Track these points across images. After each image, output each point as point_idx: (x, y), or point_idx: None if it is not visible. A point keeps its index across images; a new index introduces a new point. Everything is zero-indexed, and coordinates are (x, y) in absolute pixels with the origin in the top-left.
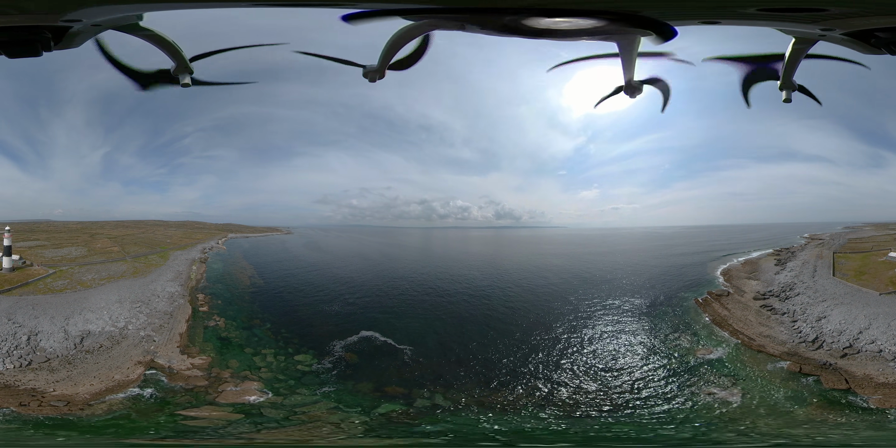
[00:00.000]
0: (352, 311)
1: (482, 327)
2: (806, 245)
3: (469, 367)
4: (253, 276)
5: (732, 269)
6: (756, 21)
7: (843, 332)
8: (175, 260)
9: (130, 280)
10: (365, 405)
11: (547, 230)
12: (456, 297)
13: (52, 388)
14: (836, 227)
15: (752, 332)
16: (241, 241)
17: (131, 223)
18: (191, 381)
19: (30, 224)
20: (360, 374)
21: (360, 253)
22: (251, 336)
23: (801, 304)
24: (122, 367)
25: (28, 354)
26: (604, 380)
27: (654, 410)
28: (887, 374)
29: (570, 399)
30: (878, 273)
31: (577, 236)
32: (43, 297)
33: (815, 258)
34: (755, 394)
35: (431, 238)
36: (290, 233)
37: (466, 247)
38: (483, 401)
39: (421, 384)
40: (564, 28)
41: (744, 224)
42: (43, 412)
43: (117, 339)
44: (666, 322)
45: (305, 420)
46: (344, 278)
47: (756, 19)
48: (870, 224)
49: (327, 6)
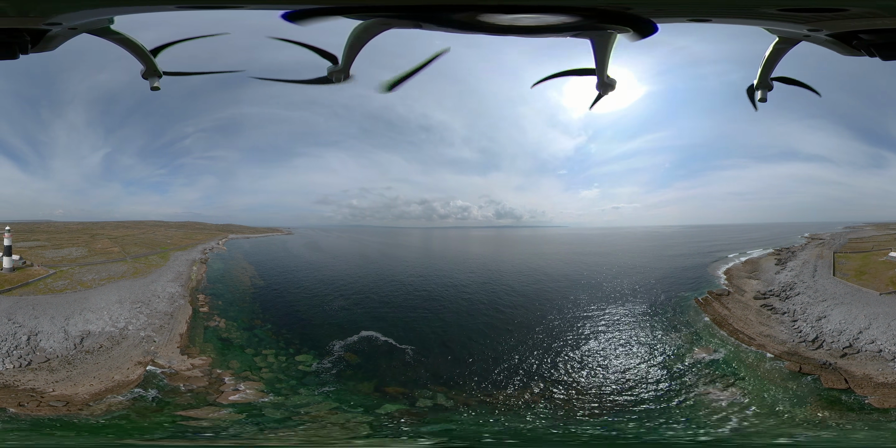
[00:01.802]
0: (352, 311)
1: (482, 327)
2: (806, 245)
3: (472, 366)
4: (253, 277)
5: (733, 269)
6: (746, 20)
7: (843, 332)
8: (175, 260)
9: (131, 280)
10: (367, 405)
11: (548, 229)
12: (456, 297)
13: (52, 388)
14: (836, 226)
15: (753, 332)
16: (242, 241)
17: (132, 224)
18: (191, 381)
19: (30, 224)
20: (360, 375)
21: (361, 253)
22: (252, 336)
23: (802, 304)
24: (122, 367)
25: (28, 354)
26: (599, 378)
27: (650, 409)
28: (887, 373)
29: (567, 393)
30: (878, 273)
31: (577, 236)
32: (43, 297)
33: (816, 258)
34: (754, 393)
35: (432, 238)
36: (291, 233)
37: (467, 247)
38: (489, 398)
39: (422, 384)
40: (533, 24)
41: (744, 223)
42: (42, 412)
43: (117, 340)
44: (666, 322)
45: (308, 420)
46: (344, 278)
47: (746, 18)
48: (870, 224)
49: (270, 7)
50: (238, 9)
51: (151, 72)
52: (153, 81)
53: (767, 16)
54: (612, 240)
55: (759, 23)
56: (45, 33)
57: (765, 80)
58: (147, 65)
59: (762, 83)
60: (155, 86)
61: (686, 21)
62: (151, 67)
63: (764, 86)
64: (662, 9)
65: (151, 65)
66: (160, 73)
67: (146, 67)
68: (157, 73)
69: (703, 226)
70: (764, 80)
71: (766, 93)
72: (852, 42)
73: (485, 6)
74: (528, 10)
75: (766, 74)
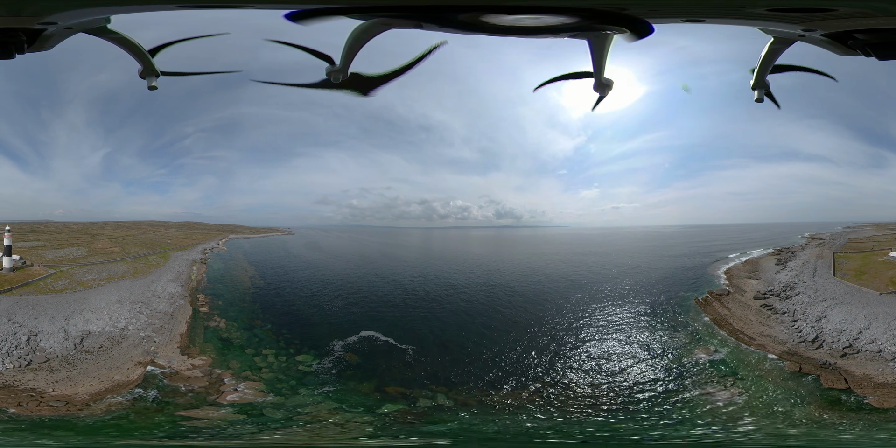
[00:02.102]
0: (353, 311)
1: (482, 326)
2: (806, 244)
3: (471, 366)
4: (254, 277)
5: (733, 269)
6: (741, 20)
7: (843, 332)
8: (175, 261)
9: (131, 280)
10: (367, 405)
11: (548, 229)
12: (455, 297)
13: (52, 388)
14: (836, 226)
15: (753, 332)
16: (242, 241)
17: (132, 224)
18: (191, 381)
19: (30, 224)
20: (361, 375)
21: (361, 253)
22: (252, 336)
23: (802, 304)
24: (122, 367)
25: (28, 354)
26: (598, 378)
27: (649, 408)
28: (886, 373)
29: (564, 394)
30: (878, 273)
31: (578, 236)
32: (43, 297)
33: (816, 258)
34: (754, 393)
35: (432, 238)
36: (291, 233)
37: (467, 247)
38: (491, 398)
39: (423, 384)
40: (531, 25)
41: (744, 223)
42: (42, 412)
43: (117, 340)
44: (666, 321)
45: (309, 420)
46: (345, 278)
47: (739, 18)
48: (870, 224)
49: (272, 6)
50: (239, 8)
51: (149, 71)
52: (150, 81)
53: (759, 16)
54: (613, 240)
55: (753, 23)
56: (40, 33)
57: (761, 80)
58: (144, 64)
59: (758, 83)
60: (152, 85)
61: (681, 21)
62: (149, 67)
63: (760, 86)
64: (657, 9)
65: (149, 64)
66: (158, 73)
67: (143, 67)
68: (154, 72)
69: (703, 226)
70: (760, 80)
71: (763, 92)
72: (847, 42)
73: (484, 6)
74: (526, 11)
75: (762, 75)
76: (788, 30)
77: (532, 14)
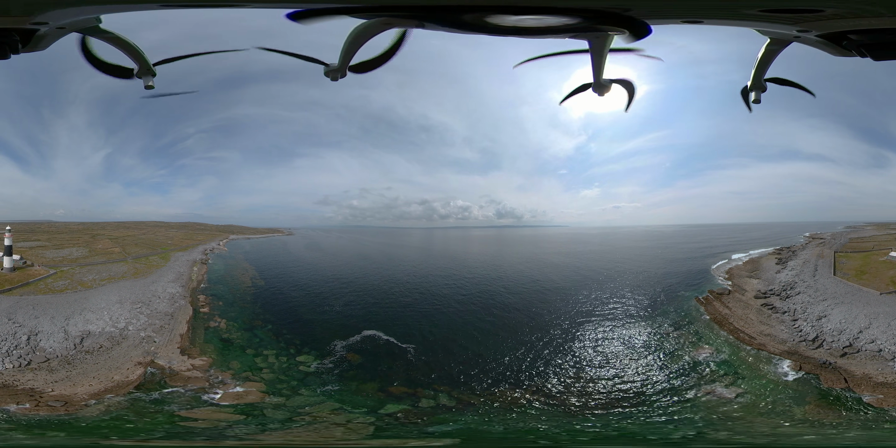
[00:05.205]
0: (353, 311)
1: (483, 325)
2: (807, 244)
3: (475, 365)
4: (254, 277)
5: (734, 268)
6: (736, 21)
7: (844, 332)
8: (176, 261)
9: (131, 281)
10: (369, 405)
11: (549, 229)
12: (455, 297)
13: (51, 388)
14: (837, 226)
15: (753, 331)
16: (243, 242)
17: (132, 224)
18: (191, 381)
19: (31, 224)
20: (363, 374)
21: (361, 253)
22: (252, 337)
23: (802, 303)
24: (122, 367)
25: (27, 354)
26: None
27: (648, 408)
28: (886, 373)
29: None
30: (878, 272)
31: (579, 235)
32: (43, 297)
33: (816, 257)
34: (754, 392)
35: (432, 238)
36: (292, 234)
37: (468, 247)
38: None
39: (425, 383)
40: (532, 25)
41: (745, 223)
42: (41, 412)
43: (117, 340)
44: (666, 321)
45: (310, 421)
46: (345, 278)
47: (736, 19)
48: (871, 223)
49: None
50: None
51: (145, 71)
52: (147, 80)
53: (755, 17)
54: (613, 239)
55: (749, 24)
56: (34, 33)
57: (758, 82)
58: (140, 64)
59: (756, 84)
60: (149, 84)
61: (679, 22)
62: (144, 66)
63: (757, 87)
64: (656, 11)
65: (145, 63)
66: (154, 72)
67: (139, 66)
68: (150, 71)
69: (703, 225)
70: (757, 82)
71: (760, 94)
72: (842, 43)
73: (484, 6)
74: (527, 11)
75: (759, 75)
76: (784, 31)
77: (533, 14)
